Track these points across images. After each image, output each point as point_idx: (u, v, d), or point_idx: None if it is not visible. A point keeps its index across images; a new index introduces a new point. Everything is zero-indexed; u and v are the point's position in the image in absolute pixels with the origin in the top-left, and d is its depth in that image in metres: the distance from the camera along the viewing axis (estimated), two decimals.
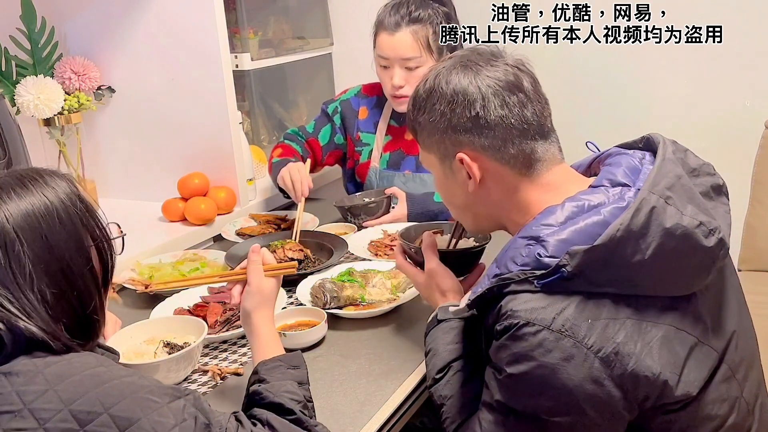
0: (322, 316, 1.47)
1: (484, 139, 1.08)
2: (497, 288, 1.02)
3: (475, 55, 1.12)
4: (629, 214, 0.97)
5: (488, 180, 1.11)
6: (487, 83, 1.08)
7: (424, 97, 1.14)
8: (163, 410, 0.90)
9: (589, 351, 0.95)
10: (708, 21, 2.36)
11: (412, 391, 1.30)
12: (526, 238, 1.03)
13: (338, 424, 1.20)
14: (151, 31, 2.10)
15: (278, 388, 1.06)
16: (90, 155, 2.29)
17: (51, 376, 0.89)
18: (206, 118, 2.10)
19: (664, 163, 1.04)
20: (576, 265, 0.96)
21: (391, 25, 1.99)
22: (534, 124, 1.09)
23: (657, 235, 0.96)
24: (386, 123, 2.18)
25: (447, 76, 1.11)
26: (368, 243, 1.91)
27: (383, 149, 2.18)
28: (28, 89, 2.01)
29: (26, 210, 0.95)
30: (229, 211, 2.15)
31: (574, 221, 1.01)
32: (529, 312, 0.97)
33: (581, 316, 0.96)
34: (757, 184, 2.20)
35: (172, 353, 1.34)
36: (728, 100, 2.38)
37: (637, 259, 0.96)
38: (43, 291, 0.94)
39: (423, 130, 1.16)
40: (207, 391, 1.32)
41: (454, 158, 1.11)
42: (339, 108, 2.23)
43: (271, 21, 2.60)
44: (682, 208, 0.99)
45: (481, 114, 1.07)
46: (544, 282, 0.97)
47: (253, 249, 1.26)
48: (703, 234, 0.98)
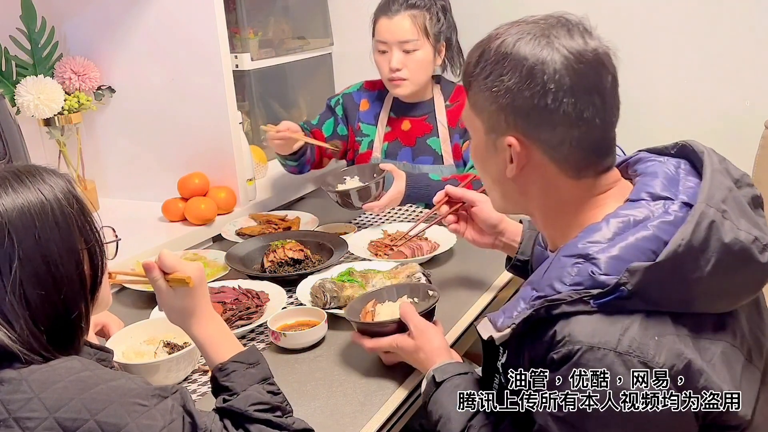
0: (322, 316, 1.47)
1: (541, 132, 0.99)
2: (545, 310, 0.94)
3: (564, 31, 0.98)
4: (689, 229, 0.91)
5: (530, 170, 1.03)
6: (568, 73, 0.96)
7: (494, 59, 1.00)
8: (151, 413, 0.89)
9: (661, 369, 0.89)
10: (708, 21, 2.36)
11: (412, 391, 1.30)
12: (572, 257, 0.96)
13: (338, 424, 1.20)
14: (151, 31, 2.10)
15: (245, 401, 1.01)
16: (90, 155, 2.29)
17: (35, 383, 0.88)
18: (206, 118, 2.10)
19: (714, 174, 0.98)
20: (636, 282, 0.90)
21: (390, 10, 2.06)
22: (598, 133, 1.00)
23: (716, 250, 0.92)
24: (387, 114, 2.24)
25: (527, 47, 0.98)
26: (368, 243, 1.91)
27: (383, 139, 2.23)
28: (28, 89, 2.01)
29: (21, 206, 0.93)
30: (229, 211, 2.15)
31: (622, 237, 0.95)
32: (591, 335, 0.90)
33: (647, 334, 0.90)
34: (757, 184, 2.18)
35: (172, 353, 1.34)
36: (728, 100, 2.38)
37: (696, 276, 0.91)
38: (28, 292, 0.91)
39: (479, 92, 1.03)
40: (207, 391, 1.32)
41: (503, 136, 1.02)
42: (341, 100, 2.30)
43: (271, 21, 2.60)
44: (737, 222, 0.95)
45: (550, 107, 0.97)
46: (602, 302, 0.91)
47: (146, 267, 1.13)
48: (758, 249, 0.94)
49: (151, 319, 1.52)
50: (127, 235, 1.15)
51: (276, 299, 1.59)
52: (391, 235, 1.93)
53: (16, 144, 1.63)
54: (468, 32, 2.25)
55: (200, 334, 1.11)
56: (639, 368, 0.89)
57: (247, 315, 1.53)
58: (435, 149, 2.17)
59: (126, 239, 1.15)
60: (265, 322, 1.50)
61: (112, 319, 1.44)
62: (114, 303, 1.68)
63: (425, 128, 2.18)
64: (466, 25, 2.25)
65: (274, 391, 1.06)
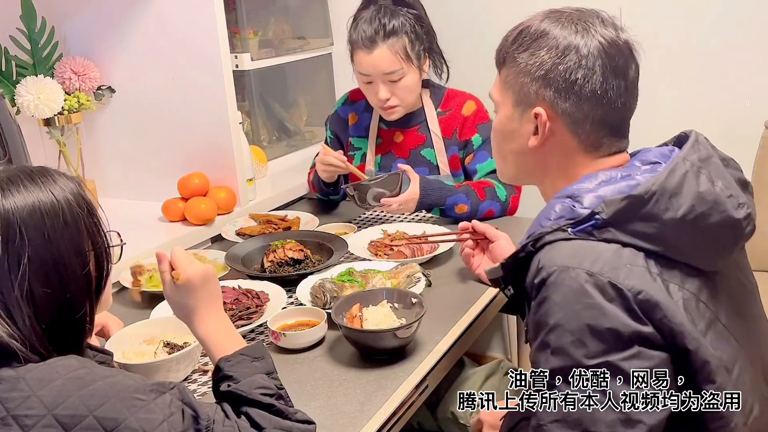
0: (322, 316, 1.47)
1: (569, 105, 1.07)
2: (532, 244, 1.02)
3: (598, 21, 1.09)
4: (664, 174, 0.99)
5: (552, 143, 1.11)
6: (600, 55, 1.06)
7: (533, 36, 1.09)
8: (150, 407, 0.90)
9: (629, 292, 0.94)
10: (708, 21, 2.36)
11: (412, 391, 1.30)
12: (560, 198, 1.05)
13: (338, 424, 1.20)
14: (151, 31, 2.10)
15: (249, 385, 1.03)
16: (90, 155, 2.29)
17: (33, 381, 0.88)
18: (206, 118, 2.10)
19: (698, 143, 1.07)
20: (611, 213, 0.98)
21: (366, 42, 1.98)
22: (619, 115, 1.10)
23: (690, 196, 0.99)
24: (377, 126, 2.19)
25: (565, 30, 1.07)
26: (368, 243, 1.91)
27: (375, 152, 2.20)
28: (28, 89, 2.01)
29: (32, 204, 0.94)
30: (229, 211, 2.15)
31: (608, 183, 1.04)
32: (567, 257, 0.97)
33: (620, 261, 0.97)
34: (757, 184, 2.20)
35: (172, 353, 1.34)
36: (728, 100, 2.38)
37: (669, 216, 0.98)
38: (35, 290, 0.92)
39: (513, 66, 1.12)
40: (207, 390, 1.32)
41: (530, 107, 1.10)
42: (329, 125, 2.28)
43: (271, 21, 2.60)
44: (714, 179, 1.01)
45: (580, 82, 1.06)
46: (578, 229, 0.99)
47: (159, 257, 1.18)
48: (732, 205, 1.01)
49: (151, 319, 1.52)
50: (127, 235, 1.16)
51: (276, 299, 1.60)
52: (391, 235, 1.93)
53: (16, 144, 1.64)
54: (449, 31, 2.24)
55: (202, 330, 1.13)
56: (609, 288, 0.94)
57: (247, 315, 1.53)
58: (430, 160, 2.13)
59: (126, 239, 1.15)
60: (265, 322, 1.50)
61: (112, 319, 1.44)
62: (114, 303, 1.68)
63: (418, 139, 2.14)
64: (447, 23, 2.24)
65: (278, 385, 1.07)
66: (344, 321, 1.40)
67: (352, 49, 2.04)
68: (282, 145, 2.71)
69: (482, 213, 2.03)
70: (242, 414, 1.00)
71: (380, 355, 1.38)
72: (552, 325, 0.97)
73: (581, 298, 0.95)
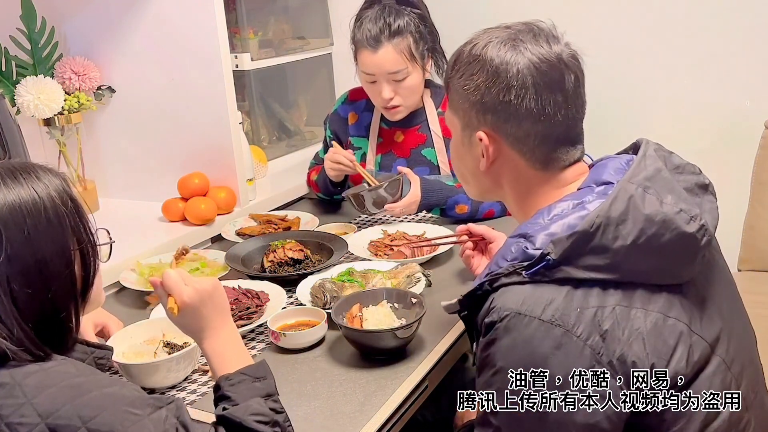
0: (322, 316, 1.47)
1: (509, 126, 1.09)
2: (489, 284, 1.03)
3: (530, 35, 1.09)
4: (608, 202, 0.99)
5: (501, 163, 1.13)
6: (530, 72, 1.06)
7: (465, 62, 1.12)
8: (144, 422, 0.88)
9: (578, 339, 0.95)
10: (708, 21, 2.36)
11: (411, 391, 1.30)
12: (515, 237, 1.06)
13: (338, 424, 1.20)
14: (151, 31, 2.10)
15: (244, 410, 1.00)
16: (90, 155, 2.29)
17: (28, 388, 0.87)
18: (206, 118, 2.10)
19: (645, 158, 1.07)
20: (560, 252, 0.98)
21: (371, 41, 1.98)
22: (562, 128, 1.09)
23: (637, 221, 0.98)
24: (377, 126, 2.19)
25: (495, 50, 1.08)
26: (368, 243, 1.91)
27: (375, 151, 2.19)
28: (28, 89, 2.01)
29: (12, 202, 0.93)
30: (229, 211, 2.15)
31: (560, 216, 1.04)
32: (520, 304, 0.98)
33: (570, 306, 0.97)
34: (757, 184, 2.20)
35: (172, 353, 1.34)
36: (728, 100, 2.38)
37: (618, 244, 0.98)
38: (16, 290, 0.91)
39: (455, 92, 1.15)
40: (207, 391, 1.32)
41: (474, 131, 1.12)
42: (328, 124, 2.27)
43: (271, 21, 2.60)
44: (662, 196, 1.01)
45: (513, 102, 1.07)
46: (531, 271, 0.99)
47: (153, 284, 1.15)
48: (683, 220, 1.00)
49: (151, 319, 1.52)
50: (127, 235, 1.16)
51: (276, 299, 1.60)
52: (391, 235, 1.93)
53: (16, 144, 1.64)
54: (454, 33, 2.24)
55: (207, 348, 1.10)
56: (559, 336, 0.96)
57: (247, 315, 1.53)
58: (430, 159, 2.13)
59: (126, 239, 1.15)
60: (265, 322, 1.50)
61: (112, 319, 1.44)
62: (114, 303, 1.69)
63: (419, 139, 2.14)
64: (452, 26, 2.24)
65: (276, 409, 1.03)
66: (344, 321, 1.40)
67: (356, 49, 2.04)
68: (282, 145, 2.71)
69: (482, 213, 2.03)
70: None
71: (380, 355, 1.38)
72: (498, 367, 0.99)
73: (529, 346, 0.97)
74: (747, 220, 2.21)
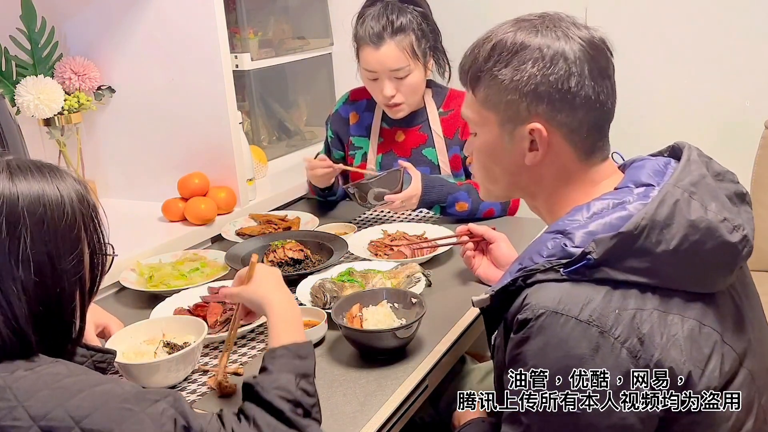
0: (322, 316, 1.47)
1: (565, 115, 1.04)
2: (522, 279, 1.00)
3: (569, 22, 1.05)
4: (654, 205, 0.97)
5: (549, 156, 1.07)
6: (586, 58, 1.03)
7: (510, 50, 1.04)
8: (140, 417, 0.88)
9: (616, 341, 0.93)
10: (708, 21, 2.37)
11: (412, 391, 1.30)
12: (552, 233, 1.03)
13: (338, 424, 1.20)
14: (151, 31, 2.10)
15: (270, 383, 1.01)
16: (90, 155, 2.29)
17: (19, 391, 0.87)
18: (206, 118, 2.10)
19: (689, 163, 1.04)
20: (602, 252, 0.95)
21: (373, 38, 1.98)
22: (609, 116, 1.08)
23: (681, 226, 0.96)
24: (378, 125, 2.19)
25: (544, 38, 1.03)
26: (368, 243, 1.91)
27: (376, 151, 2.20)
28: (28, 89, 2.01)
29: (37, 194, 0.95)
30: (229, 211, 2.15)
31: (600, 215, 1.01)
32: (557, 302, 0.95)
33: (609, 307, 0.95)
34: (757, 184, 2.21)
35: (172, 353, 1.34)
36: (728, 100, 2.38)
37: (661, 249, 0.96)
38: (28, 280, 0.92)
39: (493, 85, 1.06)
40: (207, 390, 1.32)
41: (522, 125, 1.06)
42: (330, 125, 2.27)
43: (271, 21, 2.60)
44: (707, 203, 0.99)
45: (573, 90, 1.02)
46: (570, 270, 0.96)
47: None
48: (727, 229, 0.98)
49: (151, 319, 1.52)
50: (127, 235, 1.16)
51: None
52: (391, 235, 1.93)
53: (16, 144, 1.63)
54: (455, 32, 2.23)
55: (269, 319, 1.18)
56: (597, 337, 0.93)
57: None
58: (431, 159, 2.13)
59: (126, 239, 1.16)
60: (265, 321, 1.49)
61: (112, 319, 1.44)
62: (114, 303, 1.70)
63: (420, 138, 2.14)
64: (450, 22, 2.24)
65: (308, 391, 1.04)
66: (344, 321, 1.40)
67: (358, 46, 2.04)
68: (282, 145, 2.71)
69: (482, 212, 2.03)
70: (245, 417, 0.99)
71: (380, 355, 1.38)
72: (530, 366, 0.97)
73: (565, 347, 0.94)
74: None
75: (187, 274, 1.76)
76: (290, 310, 1.19)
